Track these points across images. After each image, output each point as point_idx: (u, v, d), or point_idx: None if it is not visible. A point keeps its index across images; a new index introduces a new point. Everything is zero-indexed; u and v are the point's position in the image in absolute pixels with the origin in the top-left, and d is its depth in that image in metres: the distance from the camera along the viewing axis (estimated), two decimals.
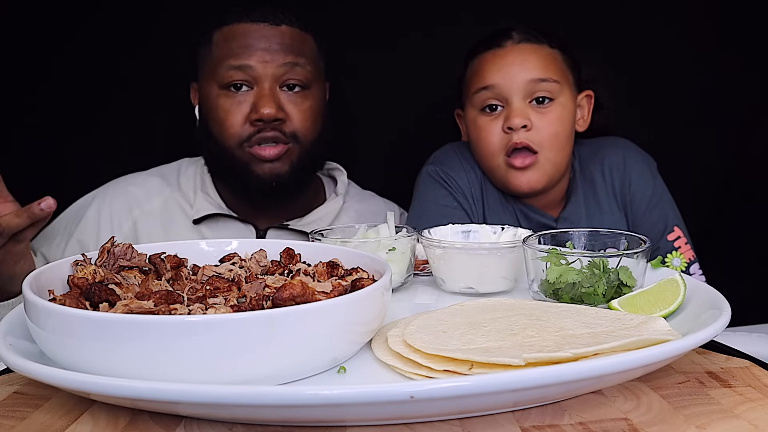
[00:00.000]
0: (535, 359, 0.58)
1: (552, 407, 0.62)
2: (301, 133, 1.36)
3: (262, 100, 1.32)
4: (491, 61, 1.32)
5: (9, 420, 0.62)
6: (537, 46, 1.32)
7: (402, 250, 0.95)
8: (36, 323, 0.63)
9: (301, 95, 1.36)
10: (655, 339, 0.62)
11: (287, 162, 1.36)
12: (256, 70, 1.32)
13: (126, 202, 1.42)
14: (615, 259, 0.83)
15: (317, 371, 0.65)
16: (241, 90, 1.34)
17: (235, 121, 1.34)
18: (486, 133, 1.33)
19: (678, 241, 1.35)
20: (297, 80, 1.35)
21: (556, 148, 1.31)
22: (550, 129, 1.29)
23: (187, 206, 1.43)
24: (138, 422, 0.60)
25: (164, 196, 1.44)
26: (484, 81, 1.32)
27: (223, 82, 1.34)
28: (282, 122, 1.34)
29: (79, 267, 0.75)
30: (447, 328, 0.70)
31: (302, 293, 0.65)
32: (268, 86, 1.33)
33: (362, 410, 0.56)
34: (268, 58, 1.33)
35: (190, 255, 0.85)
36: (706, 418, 0.59)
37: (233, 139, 1.34)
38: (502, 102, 1.31)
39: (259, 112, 1.31)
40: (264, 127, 1.33)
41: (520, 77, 1.29)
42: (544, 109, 1.30)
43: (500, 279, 0.93)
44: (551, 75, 1.30)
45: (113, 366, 0.58)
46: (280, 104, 1.34)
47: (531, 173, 1.31)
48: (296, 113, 1.35)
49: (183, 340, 0.57)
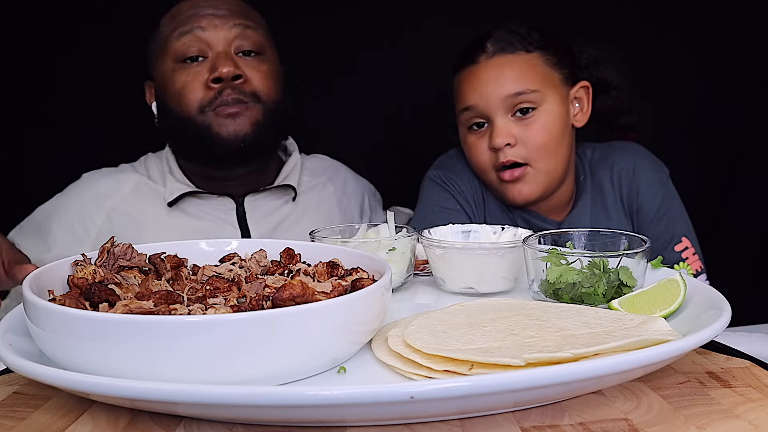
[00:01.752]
0: (536, 359, 0.58)
1: (552, 407, 0.61)
2: (263, 93, 1.33)
3: (219, 60, 1.29)
4: (467, 80, 1.30)
5: (9, 420, 0.62)
6: (511, 56, 1.27)
7: (402, 250, 0.95)
8: (36, 323, 0.63)
9: (257, 59, 1.34)
10: (655, 339, 0.62)
11: (251, 120, 1.32)
12: (207, 32, 1.30)
13: (95, 194, 1.40)
14: (615, 259, 0.83)
15: (317, 371, 0.65)
16: (197, 61, 1.31)
17: (194, 88, 1.30)
18: (475, 151, 1.32)
19: (685, 252, 1.33)
20: (250, 45, 1.33)
21: (546, 157, 1.28)
22: (536, 140, 1.27)
23: (158, 188, 1.41)
24: (138, 422, 0.60)
25: (134, 182, 1.42)
26: (464, 102, 1.30)
27: (178, 54, 1.31)
28: (243, 81, 1.30)
29: (78, 267, 0.75)
30: (447, 329, 0.70)
31: (302, 293, 0.65)
32: (223, 48, 1.30)
33: (362, 410, 0.56)
34: (218, 23, 1.31)
35: (190, 255, 0.85)
36: (707, 419, 0.59)
37: (193, 106, 1.31)
38: (485, 119, 1.29)
39: (217, 70, 1.27)
40: (224, 87, 1.29)
41: (496, 95, 1.26)
42: (528, 120, 1.26)
43: (500, 279, 0.93)
44: (529, 86, 1.25)
45: (113, 366, 0.58)
46: (237, 65, 1.30)
47: (522, 185, 1.29)
48: (255, 74, 1.32)
49: (183, 341, 0.57)
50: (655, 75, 1.74)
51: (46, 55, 1.67)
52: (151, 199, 1.40)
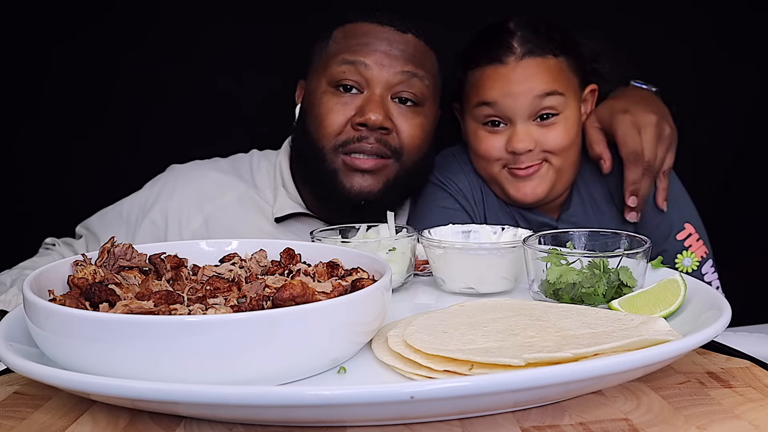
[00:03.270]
0: (536, 359, 0.58)
1: (552, 407, 0.62)
2: (407, 149, 1.25)
3: (370, 104, 1.21)
4: (492, 77, 1.25)
5: (9, 420, 0.62)
6: (541, 59, 1.24)
7: (402, 250, 0.95)
8: (36, 323, 0.63)
9: (413, 110, 1.25)
10: (655, 339, 0.62)
11: (382, 179, 1.24)
12: (371, 70, 1.22)
13: (196, 196, 1.34)
14: (615, 259, 0.83)
15: (317, 371, 0.65)
16: (350, 92, 1.23)
17: (336, 121, 1.23)
18: (486, 147, 1.28)
19: (689, 239, 1.29)
20: (411, 94, 1.24)
21: (562, 157, 1.27)
22: (555, 145, 1.25)
23: (263, 204, 1.35)
24: (138, 422, 0.60)
25: (238, 192, 1.35)
26: (485, 97, 1.25)
27: (333, 79, 1.24)
28: (387, 133, 1.22)
29: (79, 267, 0.75)
30: (447, 329, 0.70)
31: (302, 293, 0.65)
32: (379, 92, 1.22)
33: (362, 410, 0.56)
34: (386, 62, 1.22)
35: (190, 255, 0.85)
36: (707, 419, 0.59)
37: (329, 139, 1.23)
38: (505, 120, 1.25)
39: (365, 116, 1.20)
40: (366, 134, 1.21)
41: (523, 98, 1.22)
42: (549, 125, 1.24)
43: (500, 279, 0.93)
44: (557, 88, 1.24)
45: (113, 366, 0.58)
46: (388, 113, 1.22)
47: (535, 183, 1.27)
48: (406, 127, 1.24)
49: (183, 341, 0.57)
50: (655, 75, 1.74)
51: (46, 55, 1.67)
52: (255, 212, 1.34)
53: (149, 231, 1.32)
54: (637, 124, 1.24)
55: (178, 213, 1.33)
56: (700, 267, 1.29)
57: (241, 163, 1.42)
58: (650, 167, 1.24)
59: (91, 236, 1.38)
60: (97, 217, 1.40)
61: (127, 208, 1.38)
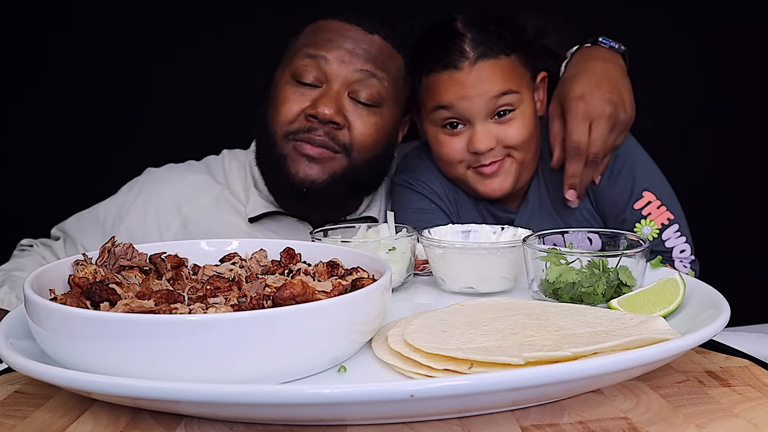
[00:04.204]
0: (535, 358, 0.58)
1: (552, 406, 0.62)
2: (358, 147, 1.25)
3: (324, 98, 1.22)
4: (447, 83, 1.25)
5: (10, 419, 0.62)
6: (494, 61, 1.24)
7: (402, 250, 0.95)
8: (37, 322, 0.63)
9: (369, 110, 1.26)
10: (654, 338, 0.62)
11: (328, 170, 1.25)
12: (331, 65, 1.23)
13: (174, 200, 1.35)
14: (614, 258, 0.83)
15: (317, 370, 0.65)
16: (309, 87, 1.25)
17: (291, 110, 1.24)
18: (448, 149, 1.28)
19: (648, 207, 1.27)
20: (368, 93, 1.25)
21: (523, 150, 1.28)
22: (514, 140, 1.26)
23: (238, 204, 1.37)
24: (139, 421, 0.60)
25: (214, 194, 1.37)
26: (441, 101, 1.26)
27: (295, 71, 1.25)
28: (338, 128, 1.23)
29: (79, 267, 0.75)
30: (447, 328, 0.70)
31: (302, 293, 0.65)
32: (336, 88, 1.23)
33: (362, 409, 0.56)
34: (347, 59, 1.24)
35: (191, 255, 0.85)
36: (706, 417, 0.59)
37: (282, 126, 1.25)
38: (463, 121, 1.26)
39: (317, 108, 1.21)
40: (317, 126, 1.23)
41: (480, 99, 1.23)
42: (506, 121, 1.25)
43: (500, 279, 0.93)
44: (511, 87, 1.24)
45: (114, 365, 0.58)
46: (342, 108, 1.23)
47: (500, 179, 1.28)
48: (359, 124, 1.25)
49: (184, 340, 0.57)
50: (655, 75, 1.74)
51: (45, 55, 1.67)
52: (231, 213, 1.35)
53: (126, 236, 1.31)
54: (589, 115, 1.20)
55: (157, 217, 1.34)
56: (660, 234, 1.26)
57: (214, 165, 1.43)
58: (596, 159, 1.21)
59: (68, 239, 1.38)
60: (74, 220, 1.40)
61: (103, 212, 1.38)
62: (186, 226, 1.34)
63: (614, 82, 1.24)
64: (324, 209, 1.32)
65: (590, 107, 1.19)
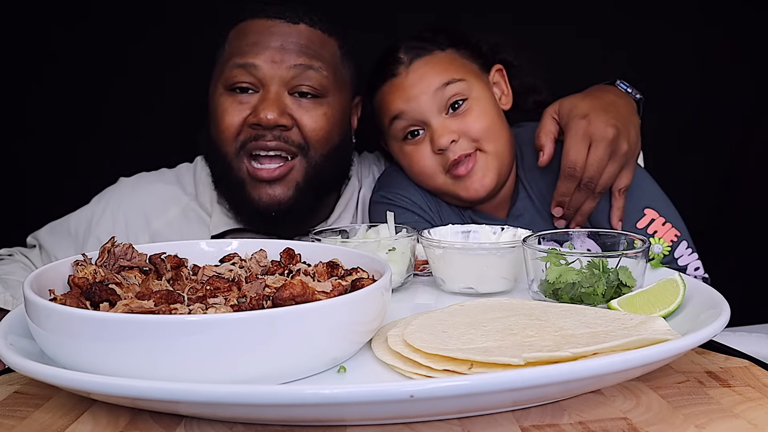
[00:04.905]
0: (535, 359, 0.58)
1: (551, 407, 0.62)
2: (313, 142, 1.21)
3: (263, 103, 1.17)
4: (391, 91, 1.25)
5: (9, 419, 0.62)
6: (428, 57, 1.25)
7: (402, 250, 0.95)
8: (37, 323, 0.63)
9: (314, 102, 1.21)
10: (654, 338, 0.62)
11: (290, 185, 1.21)
12: (262, 70, 1.18)
13: (142, 212, 1.32)
14: (614, 259, 0.83)
15: (317, 371, 0.65)
16: (247, 93, 1.20)
17: (232, 123, 1.19)
18: (417, 159, 1.26)
19: (652, 225, 1.22)
20: (309, 86, 1.20)
21: (492, 139, 1.24)
22: (477, 128, 1.23)
23: (206, 217, 1.32)
24: (138, 422, 0.60)
25: (182, 205, 1.34)
26: (391, 111, 1.25)
27: (228, 83, 1.20)
28: (287, 129, 1.19)
29: (79, 267, 0.75)
30: (447, 328, 0.70)
31: (302, 293, 0.65)
32: (275, 90, 1.19)
33: (362, 409, 0.56)
34: (278, 59, 1.19)
35: (191, 255, 0.85)
36: (706, 418, 0.59)
37: (230, 142, 1.20)
38: (420, 125, 1.24)
39: (258, 115, 1.16)
40: (263, 133, 1.18)
41: (424, 95, 1.22)
42: (462, 112, 1.23)
43: (500, 279, 0.93)
44: (453, 76, 1.23)
45: (114, 365, 0.58)
46: (285, 109, 1.19)
47: (479, 176, 1.24)
48: (306, 119, 1.20)
49: (183, 340, 0.57)
50: (655, 74, 1.74)
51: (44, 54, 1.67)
52: (199, 225, 1.31)
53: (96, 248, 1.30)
54: (589, 135, 1.14)
55: (125, 230, 1.31)
56: (672, 251, 1.22)
57: (185, 174, 1.39)
58: (590, 184, 1.15)
59: (42, 249, 1.36)
60: (47, 230, 1.38)
61: (74, 223, 1.35)
62: (155, 240, 1.28)
63: (622, 113, 1.20)
64: (293, 224, 1.26)
65: (592, 127, 1.15)
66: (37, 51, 1.67)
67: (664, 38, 1.76)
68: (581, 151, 1.15)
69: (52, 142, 1.69)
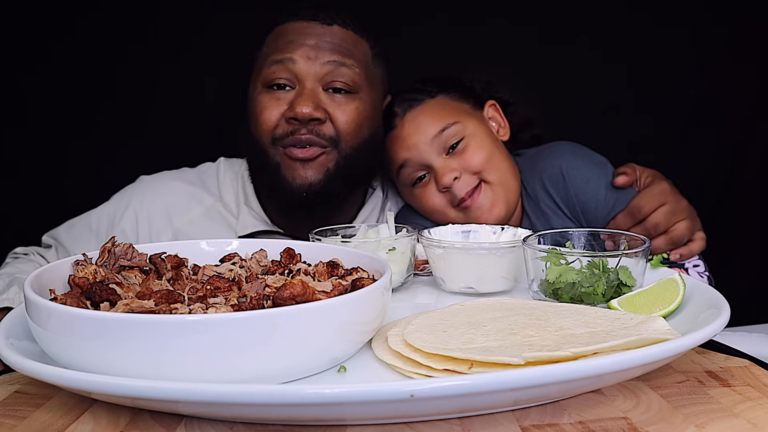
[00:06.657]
0: (535, 358, 0.58)
1: (552, 406, 0.62)
2: (344, 136, 1.26)
3: (299, 98, 1.23)
4: (392, 143, 1.34)
5: (10, 419, 0.62)
6: (421, 106, 1.33)
7: (402, 250, 0.95)
8: (37, 322, 0.63)
9: (347, 98, 1.27)
10: (654, 338, 0.62)
11: (322, 169, 1.26)
12: (298, 65, 1.25)
13: (165, 211, 1.35)
14: (614, 259, 0.83)
15: (317, 370, 0.66)
16: (284, 89, 1.26)
17: (270, 117, 1.25)
18: (427, 198, 1.33)
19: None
20: (342, 82, 1.26)
21: (493, 169, 1.30)
22: (476, 161, 1.29)
23: (230, 217, 1.37)
24: (139, 421, 0.61)
25: (206, 205, 1.37)
26: (398, 160, 1.33)
27: (266, 80, 1.27)
28: (320, 123, 1.25)
29: (80, 267, 0.75)
30: (447, 328, 0.70)
31: (302, 293, 0.65)
32: (310, 85, 1.25)
33: (362, 409, 0.56)
34: (312, 55, 1.25)
35: (191, 255, 0.85)
36: (706, 417, 0.59)
37: (267, 135, 1.26)
38: (425, 168, 1.31)
39: (294, 110, 1.23)
40: (299, 127, 1.24)
41: (423, 140, 1.30)
42: (460, 150, 1.29)
43: (500, 279, 0.93)
44: (447, 120, 1.30)
45: (114, 365, 0.58)
46: (319, 104, 1.25)
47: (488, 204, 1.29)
48: (339, 114, 1.26)
49: (184, 339, 0.57)
50: (655, 75, 1.74)
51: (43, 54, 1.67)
52: (222, 226, 1.35)
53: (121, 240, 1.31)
54: (665, 196, 1.22)
55: (148, 227, 1.34)
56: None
57: (208, 174, 1.43)
58: (652, 230, 1.20)
59: (60, 247, 1.37)
60: (65, 228, 1.39)
61: (96, 220, 1.38)
62: (177, 239, 1.33)
63: None
64: (321, 215, 1.30)
65: (671, 197, 1.22)
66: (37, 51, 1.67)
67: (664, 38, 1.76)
68: (651, 201, 1.21)
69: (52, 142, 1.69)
